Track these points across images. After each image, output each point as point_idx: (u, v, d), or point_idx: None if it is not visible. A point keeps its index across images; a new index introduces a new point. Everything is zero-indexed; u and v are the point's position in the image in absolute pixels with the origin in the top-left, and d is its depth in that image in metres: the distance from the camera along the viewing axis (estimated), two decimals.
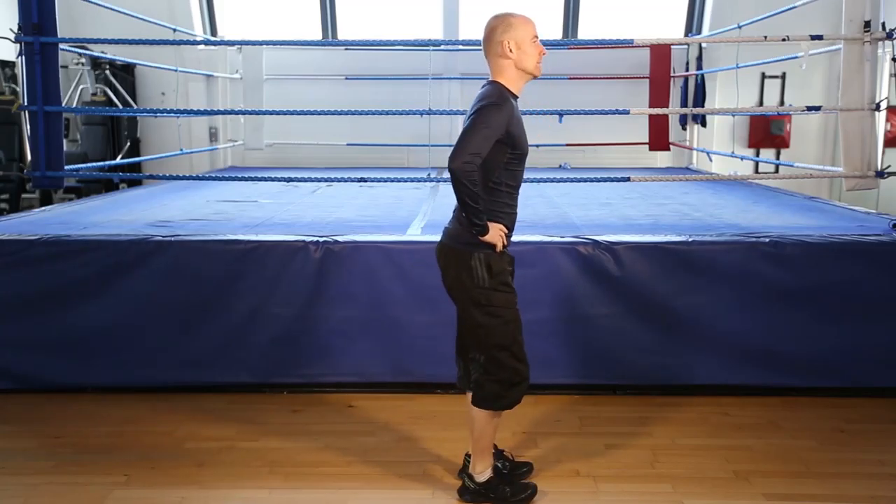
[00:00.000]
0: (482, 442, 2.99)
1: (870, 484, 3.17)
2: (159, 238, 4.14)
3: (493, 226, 2.79)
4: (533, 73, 2.85)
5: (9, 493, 3.08)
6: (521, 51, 2.79)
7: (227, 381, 4.11)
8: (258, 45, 8.29)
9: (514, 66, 2.81)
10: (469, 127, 2.70)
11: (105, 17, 6.88)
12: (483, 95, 2.78)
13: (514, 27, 2.79)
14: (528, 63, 2.81)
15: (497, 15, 2.85)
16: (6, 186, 7.77)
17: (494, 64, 2.84)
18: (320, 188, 6.70)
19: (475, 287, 2.83)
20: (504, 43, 2.78)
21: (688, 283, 4.02)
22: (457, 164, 2.65)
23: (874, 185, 4.81)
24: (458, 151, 2.66)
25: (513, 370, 2.90)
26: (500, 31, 2.79)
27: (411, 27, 9.43)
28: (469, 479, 3.03)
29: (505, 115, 2.73)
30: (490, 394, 2.91)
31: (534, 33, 2.83)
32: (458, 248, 2.86)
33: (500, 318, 2.86)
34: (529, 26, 2.82)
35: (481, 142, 2.68)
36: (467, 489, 3.02)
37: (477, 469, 3.01)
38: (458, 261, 2.85)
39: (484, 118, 2.69)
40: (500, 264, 2.85)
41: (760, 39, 5.47)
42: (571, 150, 8.85)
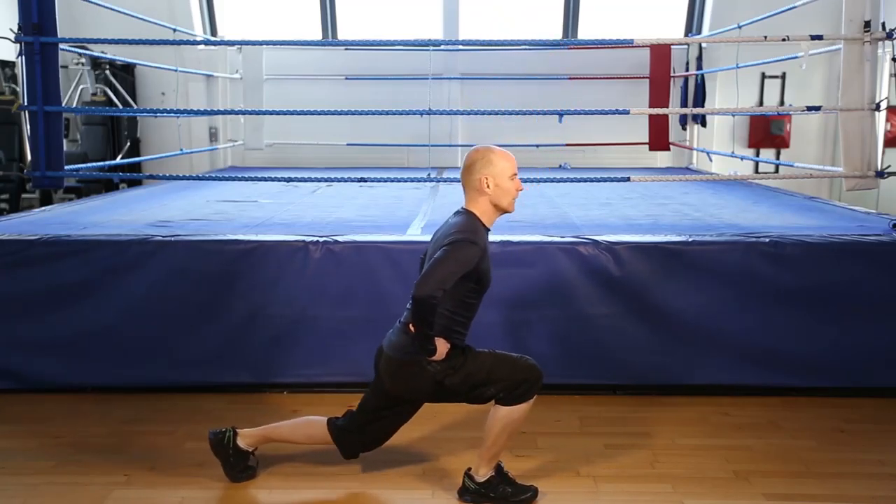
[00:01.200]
0: (496, 447, 2.99)
1: (870, 484, 3.17)
2: (159, 238, 4.14)
3: (440, 342, 2.83)
4: (507, 209, 2.91)
5: (9, 493, 3.08)
6: (498, 188, 2.85)
7: (227, 381, 4.11)
8: (258, 45, 8.29)
9: (489, 201, 2.87)
10: (441, 257, 2.73)
11: (105, 17, 6.89)
12: (459, 227, 2.82)
13: (493, 164, 2.85)
14: (504, 200, 2.88)
15: (478, 149, 2.91)
16: (6, 186, 7.77)
17: (470, 195, 2.90)
18: (320, 188, 6.70)
19: (437, 377, 2.88)
20: (482, 179, 2.84)
21: (688, 283, 4.03)
22: (423, 294, 2.68)
23: (874, 185, 4.81)
24: (426, 281, 2.70)
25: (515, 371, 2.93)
26: (480, 167, 2.85)
27: (411, 27, 9.44)
28: (469, 479, 3.02)
29: (477, 252, 2.78)
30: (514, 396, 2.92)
31: (513, 171, 2.88)
32: (404, 359, 2.90)
33: (477, 374, 2.90)
34: (509, 163, 2.87)
35: (449, 276, 2.72)
36: (467, 489, 3.02)
37: (480, 472, 3.01)
38: (409, 369, 2.90)
39: (456, 253, 2.74)
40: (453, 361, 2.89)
41: (760, 39, 5.47)
42: (571, 150, 8.85)
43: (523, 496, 3.01)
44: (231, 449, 3.12)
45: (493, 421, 2.94)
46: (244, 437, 3.15)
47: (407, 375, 2.92)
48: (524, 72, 8.81)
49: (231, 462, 3.14)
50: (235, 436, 3.14)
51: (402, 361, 2.91)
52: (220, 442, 3.13)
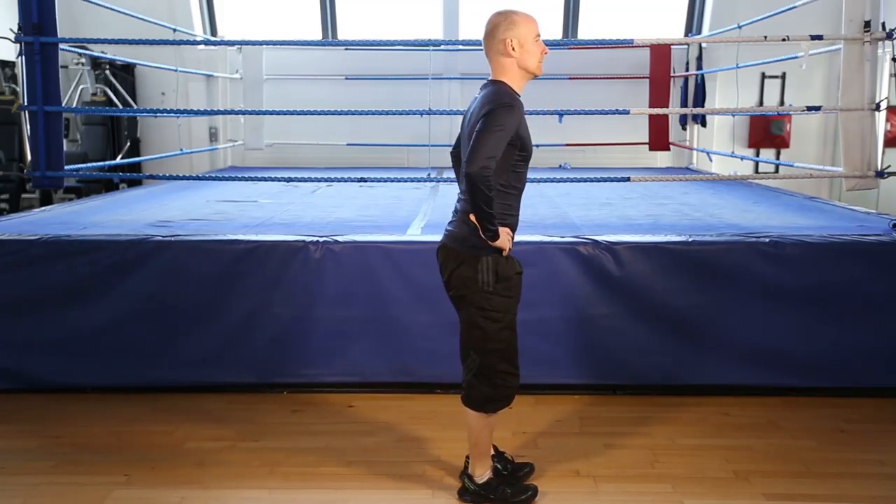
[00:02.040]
0: (480, 446, 2.98)
1: (870, 484, 3.17)
2: (159, 238, 4.14)
3: (503, 230, 2.76)
4: (535, 72, 2.82)
5: (9, 493, 3.08)
6: (523, 49, 2.76)
7: (227, 381, 4.11)
8: (258, 45, 8.28)
9: (516, 64, 2.78)
10: (482, 129, 2.64)
11: (105, 17, 6.88)
12: (492, 97, 2.73)
13: (517, 25, 2.75)
14: (531, 62, 2.79)
15: (499, 12, 2.81)
16: (6, 186, 7.77)
17: (496, 62, 2.80)
18: (320, 188, 6.70)
19: (478, 290, 2.81)
20: (507, 41, 2.75)
21: (688, 283, 4.02)
22: (474, 169, 2.60)
23: (874, 185, 4.82)
24: (474, 156, 2.61)
25: (505, 374, 2.89)
26: (503, 29, 2.75)
27: (411, 27, 9.43)
28: (469, 481, 3.02)
29: (517, 117, 2.71)
30: (479, 396, 2.90)
31: (537, 32, 2.79)
32: (464, 251, 2.82)
33: (498, 322, 2.84)
34: (532, 24, 2.79)
35: (495, 144, 2.63)
36: (467, 490, 3.02)
37: (476, 472, 3.00)
38: (465, 263, 2.81)
39: (498, 120, 2.65)
40: (507, 269, 2.82)
41: (760, 39, 5.47)
42: (571, 150, 8.85)
43: (523, 496, 3.00)
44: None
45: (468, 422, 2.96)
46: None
47: (466, 268, 2.80)
48: None
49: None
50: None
51: (464, 253, 2.81)
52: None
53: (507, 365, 2.89)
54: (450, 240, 2.89)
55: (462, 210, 2.83)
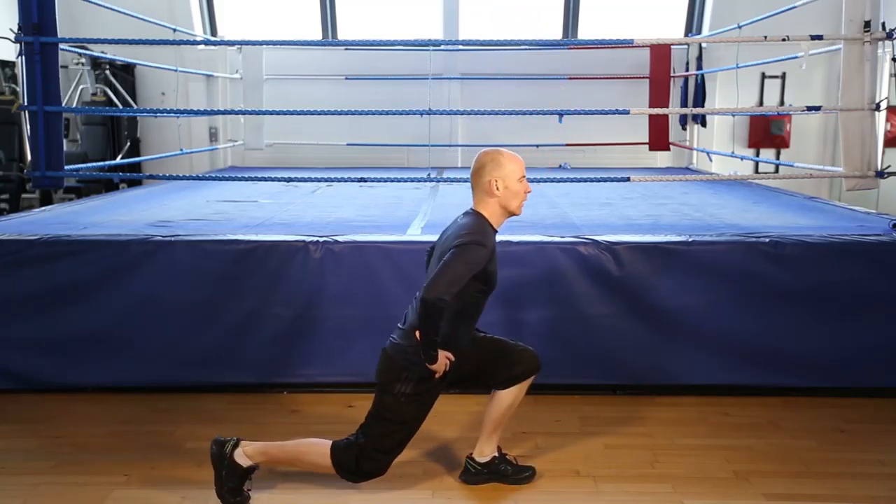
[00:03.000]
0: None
1: (870, 484, 3.17)
2: (159, 238, 4.14)
3: (442, 354, 2.82)
4: (515, 212, 2.94)
5: (9, 493, 3.08)
6: (507, 190, 2.87)
7: (227, 381, 4.11)
8: (258, 45, 8.29)
9: (498, 203, 2.89)
10: (450, 261, 2.74)
11: (105, 17, 6.89)
12: (469, 229, 2.82)
13: (502, 166, 2.87)
14: (512, 203, 2.91)
15: (487, 151, 2.93)
16: (6, 186, 7.77)
17: (479, 197, 2.92)
18: (320, 188, 6.70)
19: (392, 394, 2.91)
20: (492, 181, 2.86)
21: (688, 283, 4.02)
22: (431, 297, 2.69)
23: (874, 185, 4.81)
24: (434, 284, 2.70)
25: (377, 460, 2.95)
26: (490, 169, 2.87)
27: (411, 27, 9.43)
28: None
29: (486, 254, 2.79)
30: (345, 459, 2.95)
31: (521, 173, 2.90)
32: (397, 359, 2.92)
33: (397, 425, 2.94)
34: (518, 165, 2.90)
35: (458, 278, 2.73)
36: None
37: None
38: (394, 371, 2.92)
39: (466, 255, 2.75)
40: (427, 386, 2.91)
41: (760, 39, 5.47)
42: (571, 150, 8.85)
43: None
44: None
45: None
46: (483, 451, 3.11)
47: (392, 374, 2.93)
48: (524, 72, 8.81)
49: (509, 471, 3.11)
50: (474, 460, 3.12)
51: (396, 362, 2.92)
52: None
53: (383, 460, 2.97)
54: (391, 347, 2.99)
55: (410, 324, 2.93)
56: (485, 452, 3.11)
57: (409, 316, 2.98)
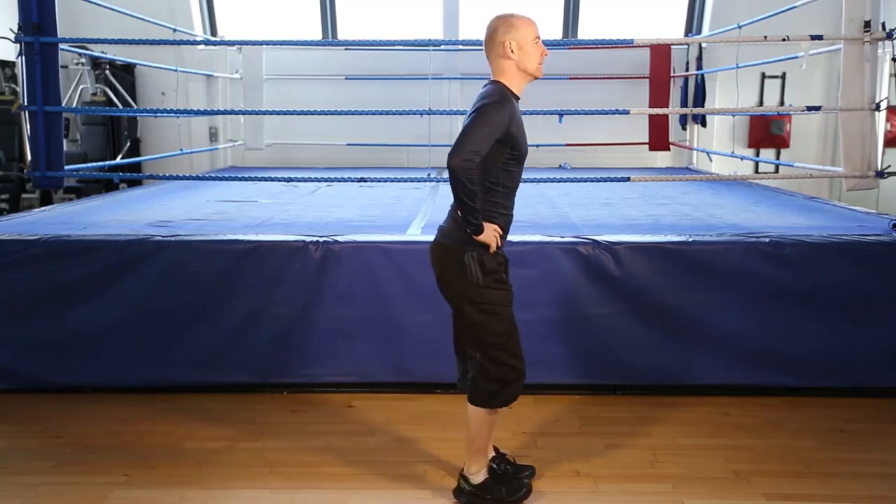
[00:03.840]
0: (477, 442, 2.98)
1: (870, 484, 3.17)
2: (159, 238, 4.14)
3: (488, 226, 2.77)
4: (534, 74, 2.84)
5: (9, 493, 3.08)
6: (522, 52, 2.78)
7: (227, 381, 4.11)
8: (258, 45, 8.29)
9: (515, 66, 2.80)
10: (469, 124, 2.68)
11: (105, 17, 6.88)
12: (484, 94, 2.77)
13: (516, 28, 2.78)
14: (530, 64, 2.81)
15: (499, 15, 2.84)
16: (6, 186, 7.76)
17: (496, 64, 2.83)
18: (320, 188, 6.70)
19: (469, 284, 2.82)
20: (506, 44, 2.77)
21: (688, 283, 4.02)
22: (456, 162, 2.63)
23: (874, 185, 4.81)
24: (457, 148, 2.64)
25: (509, 367, 2.89)
26: (503, 32, 2.78)
27: (411, 27, 9.43)
28: (464, 481, 3.02)
29: (506, 115, 2.72)
30: (485, 392, 2.90)
31: (536, 34, 2.82)
32: (451, 245, 2.84)
33: (495, 314, 2.85)
34: (531, 27, 2.81)
35: (481, 140, 2.66)
36: (462, 491, 3.02)
37: (472, 470, 3.00)
38: (452, 258, 2.83)
39: (485, 116, 2.68)
40: (493, 262, 2.83)
41: (760, 39, 5.47)
42: (571, 150, 8.85)
43: (518, 495, 3.02)
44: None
45: (469, 418, 2.94)
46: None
47: (454, 263, 2.82)
48: None
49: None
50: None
51: (451, 248, 2.83)
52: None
53: (508, 357, 2.88)
54: (439, 235, 2.93)
55: (452, 206, 2.87)
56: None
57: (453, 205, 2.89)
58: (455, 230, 2.83)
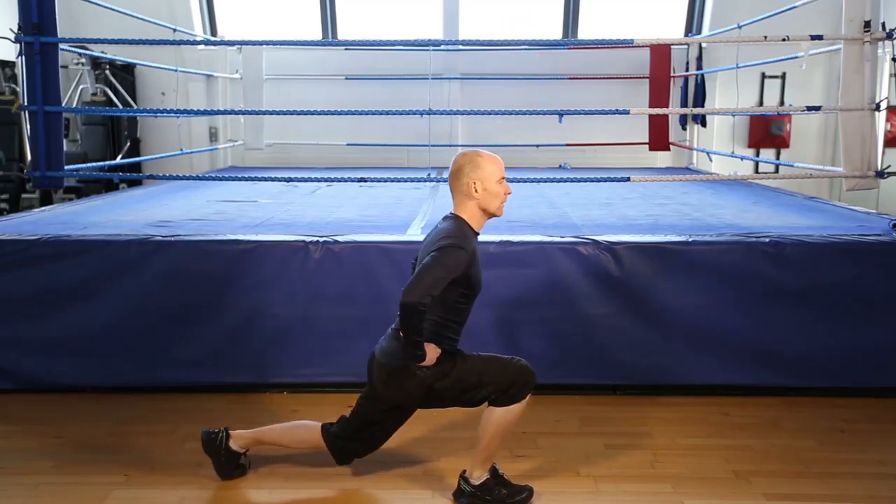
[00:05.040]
0: (490, 449, 2.96)
1: (870, 484, 3.17)
2: (159, 238, 4.14)
3: (429, 347, 2.81)
4: (495, 213, 2.91)
5: (9, 493, 3.08)
6: (486, 192, 2.84)
7: (227, 381, 4.11)
8: (258, 45, 8.29)
9: (477, 205, 2.86)
10: (429, 264, 2.71)
11: (105, 17, 6.88)
12: (448, 233, 2.80)
13: (480, 167, 2.84)
14: (492, 204, 2.87)
15: (465, 153, 2.92)
16: (6, 186, 7.77)
17: (458, 200, 2.90)
18: (320, 188, 6.70)
19: (427, 382, 2.86)
20: (470, 183, 2.84)
21: (688, 283, 4.02)
22: (411, 300, 2.65)
23: (874, 185, 4.82)
24: (414, 287, 2.67)
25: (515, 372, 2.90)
26: (468, 171, 2.85)
27: (411, 27, 9.44)
28: (465, 482, 3.01)
29: (465, 257, 2.76)
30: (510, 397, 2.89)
31: (501, 174, 2.87)
32: (396, 364, 2.88)
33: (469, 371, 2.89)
34: (496, 166, 2.87)
35: (438, 282, 2.70)
36: (463, 492, 3.01)
37: (475, 474, 3.00)
38: (400, 376, 2.89)
39: (445, 258, 2.72)
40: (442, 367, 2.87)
41: (760, 39, 5.47)
42: (571, 150, 8.86)
43: (519, 497, 3.00)
44: (223, 450, 3.13)
45: (486, 422, 2.92)
46: (237, 438, 3.16)
47: (398, 381, 2.91)
48: (524, 72, 8.81)
49: (222, 462, 3.15)
50: (228, 437, 3.15)
51: (393, 368, 2.90)
52: (213, 442, 3.15)
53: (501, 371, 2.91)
54: (381, 355, 2.97)
55: (393, 328, 2.93)
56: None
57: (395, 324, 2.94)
58: (398, 350, 2.87)
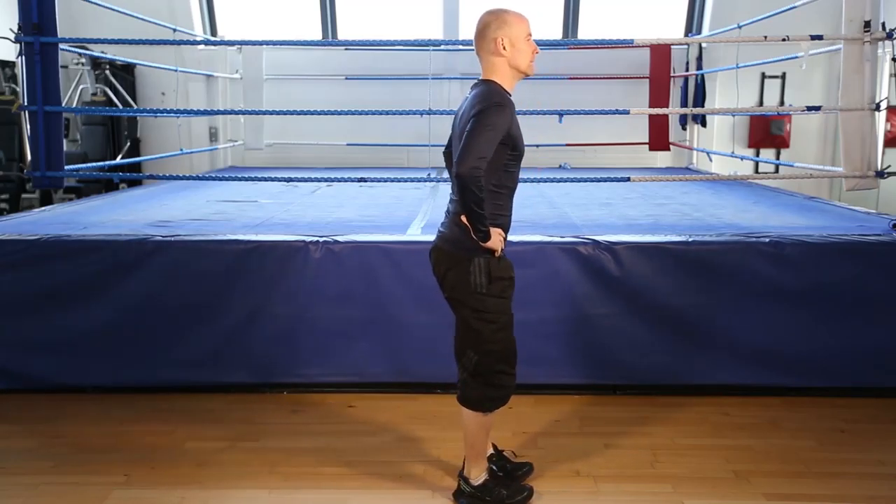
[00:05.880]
0: (476, 447, 2.97)
1: (870, 484, 3.18)
2: (159, 238, 4.14)
3: (494, 231, 2.73)
4: (526, 71, 2.79)
5: (9, 493, 3.08)
6: (514, 49, 2.74)
7: (227, 381, 4.11)
8: (258, 45, 8.28)
9: (507, 63, 2.76)
10: (473, 129, 2.61)
11: (105, 17, 6.88)
12: (482, 96, 2.71)
13: (508, 24, 2.73)
14: (522, 61, 2.77)
15: (490, 11, 2.79)
16: (6, 186, 7.76)
17: (487, 61, 2.78)
18: (320, 188, 6.70)
19: (472, 292, 2.79)
20: (498, 40, 2.73)
21: (688, 283, 4.02)
22: (465, 170, 2.57)
23: (874, 185, 4.82)
24: (464, 156, 2.58)
25: (501, 374, 2.88)
26: (494, 28, 2.73)
27: (411, 27, 9.43)
28: (464, 483, 3.01)
29: (507, 116, 2.68)
30: (476, 395, 2.89)
31: (528, 31, 2.77)
32: (456, 252, 2.80)
33: (493, 323, 2.83)
34: (524, 24, 2.77)
35: (487, 145, 2.61)
36: (462, 493, 3.01)
37: (472, 473, 2.99)
38: (457, 265, 2.80)
39: (488, 120, 2.62)
40: (499, 270, 2.80)
41: (760, 39, 5.47)
42: (571, 150, 8.85)
43: (518, 497, 3.00)
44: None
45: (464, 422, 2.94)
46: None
47: (458, 269, 2.79)
48: None
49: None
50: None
51: (455, 255, 2.80)
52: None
53: (503, 365, 2.88)
54: (442, 241, 2.87)
55: (453, 211, 2.82)
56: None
57: (450, 209, 2.87)
58: (458, 236, 2.78)
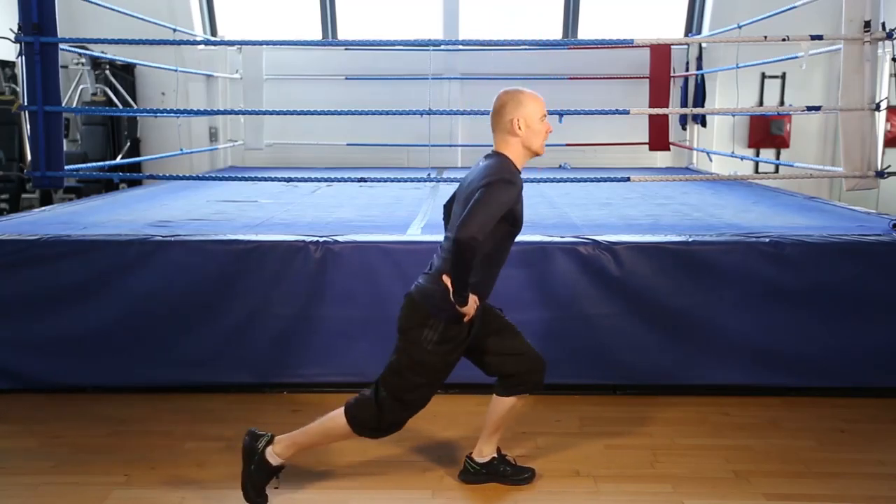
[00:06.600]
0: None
1: (870, 484, 3.17)
2: (159, 238, 4.14)
3: (472, 297, 2.77)
4: (538, 152, 2.87)
5: (9, 493, 3.08)
6: (530, 129, 2.81)
7: (227, 381, 4.11)
8: (258, 45, 8.29)
9: (521, 143, 2.84)
10: (480, 200, 2.66)
11: (105, 17, 6.88)
12: (494, 169, 2.76)
13: (524, 105, 2.81)
14: (535, 142, 2.84)
15: (507, 91, 2.88)
16: (6, 186, 7.76)
17: (501, 139, 2.86)
18: (320, 188, 6.70)
19: (417, 343, 2.84)
20: (514, 121, 2.81)
21: (687, 283, 4.03)
22: (464, 237, 2.60)
23: (874, 185, 4.82)
24: (467, 223, 2.62)
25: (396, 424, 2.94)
26: (511, 109, 2.81)
27: (411, 27, 9.44)
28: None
29: (514, 193, 2.74)
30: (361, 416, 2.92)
31: (543, 111, 2.85)
32: (424, 304, 2.85)
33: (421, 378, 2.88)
34: (539, 104, 2.84)
35: (490, 218, 2.66)
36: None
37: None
38: (419, 317, 2.85)
39: (496, 194, 2.68)
40: (454, 333, 2.84)
41: (760, 39, 5.47)
42: (571, 150, 8.84)
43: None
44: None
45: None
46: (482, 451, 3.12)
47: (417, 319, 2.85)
48: (524, 72, 8.78)
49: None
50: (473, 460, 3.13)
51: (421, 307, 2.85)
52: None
53: (407, 415, 2.95)
54: (416, 291, 2.92)
55: (438, 268, 2.86)
56: (484, 453, 3.12)
57: (434, 263, 2.90)
58: (434, 293, 2.82)
